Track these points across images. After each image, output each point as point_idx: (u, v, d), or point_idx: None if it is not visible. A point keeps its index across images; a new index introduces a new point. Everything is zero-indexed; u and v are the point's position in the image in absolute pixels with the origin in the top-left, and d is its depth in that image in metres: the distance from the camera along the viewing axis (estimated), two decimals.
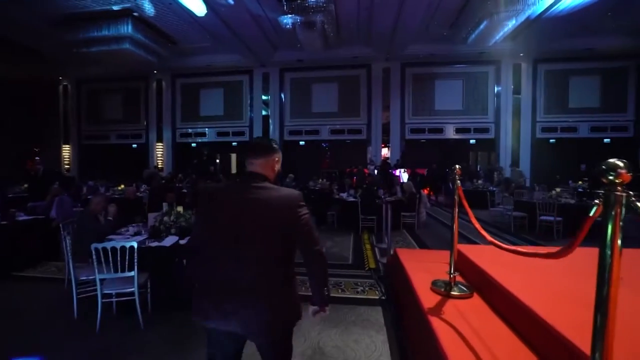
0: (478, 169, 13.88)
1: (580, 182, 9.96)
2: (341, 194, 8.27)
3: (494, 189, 10.00)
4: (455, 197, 2.61)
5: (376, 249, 5.76)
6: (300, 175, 13.39)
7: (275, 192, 1.60)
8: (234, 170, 17.14)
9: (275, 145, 1.78)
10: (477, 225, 2.42)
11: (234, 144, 16.59)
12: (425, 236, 6.64)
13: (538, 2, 10.00)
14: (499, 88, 14.35)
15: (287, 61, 15.01)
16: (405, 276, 3.09)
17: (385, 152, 15.33)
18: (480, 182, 11.14)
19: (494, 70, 14.42)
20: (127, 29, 10.78)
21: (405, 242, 6.26)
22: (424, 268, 3.20)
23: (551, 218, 6.26)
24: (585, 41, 12.83)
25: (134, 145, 16.83)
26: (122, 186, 8.99)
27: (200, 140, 16.50)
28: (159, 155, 16.40)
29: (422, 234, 6.79)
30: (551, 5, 10.47)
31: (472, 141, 14.80)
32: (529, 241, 6.28)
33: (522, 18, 10.67)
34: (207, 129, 16.27)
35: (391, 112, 15.00)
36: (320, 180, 10.82)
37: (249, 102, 16.04)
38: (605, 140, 14.40)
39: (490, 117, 14.50)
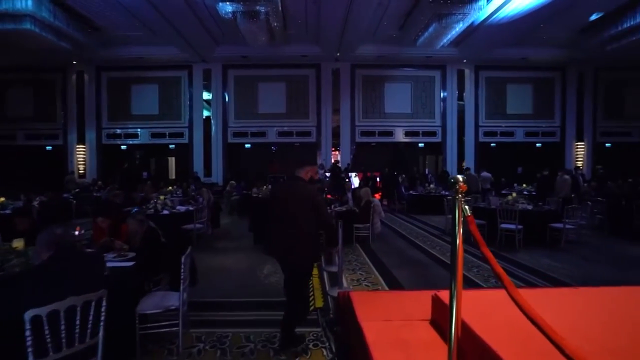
0: (427, 172, 13.47)
1: (524, 185, 9.78)
2: None
3: (447, 193, 9.42)
4: (459, 231, 1.47)
5: (325, 274, 4.61)
6: (247, 180, 11.89)
7: (303, 187, 2.78)
8: (172, 175, 15.05)
9: (309, 162, 3.39)
10: (507, 283, 1.30)
11: (171, 146, 14.58)
12: (382, 252, 5.63)
13: (483, 7, 9.75)
14: (445, 93, 14.14)
15: (231, 57, 13.45)
16: (365, 348, 1.93)
17: (336, 155, 14.40)
18: (431, 186, 10.57)
19: (440, 74, 14.17)
20: (25, 3, 8.56)
21: (359, 262, 5.18)
22: (393, 333, 2.07)
23: (512, 226, 5.61)
24: (520, 51, 13.01)
25: (48, 147, 14.05)
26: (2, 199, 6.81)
27: (131, 142, 14.24)
28: (80, 159, 13.82)
29: (378, 249, 5.77)
30: (493, 13, 10.32)
31: (420, 144, 14.43)
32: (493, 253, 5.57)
33: (467, 23, 10.35)
34: (139, 130, 14.08)
35: (341, 114, 14.11)
36: (265, 186, 9.47)
37: (188, 100, 14.16)
38: (537, 144, 14.84)
39: (437, 120, 14.22)
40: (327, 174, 11.47)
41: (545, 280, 4.36)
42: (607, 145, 14.75)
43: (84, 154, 13.85)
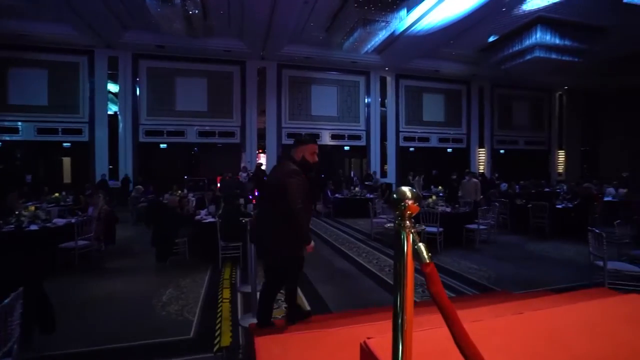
0: (352, 175, 13.48)
1: (440, 188, 10.28)
2: (201, 212, 6.07)
3: (371, 195, 9.36)
4: (408, 283, 0.91)
5: (239, 296, 3.86)
6: (163, 185, 10.27)
7: (283, 167, 2.52)
8: (67, 179, 12.52)
9: (304, 139, 2.61)
10: None
11: (66, 144, 12.13)
12: (306, 263, 5.03)
13: (403, 18, 10.00)
14: (369, 98, 14.37)
15: (143, 45, 11.71)
16: None
17: (263, 158, 13.57)
18: (357, 189, 10.46)
19: (364, 80, 14.36)
20: None
21: None
22: None
23: (434, 229, 5.56)
24: (434, 63, 13.87)
25: None
26: None
27: (9, 139, 11.45)
28: None
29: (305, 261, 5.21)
30: (411, 25, 10.71)
31: (346, 147, 14.42)
32: None
33: (389, 31, 10.54)
34: (20, 124, 11.40)
35: (267, 114, 13.35)
36: (179, 192, 8.24)
37: (88, 91, 11.94)
38: (449, 150, 16.04)
39: (362, 125, 14.38)
40: (248, 177, 10.56)
41: (465, 284, 4.26)
42: (501, 151, 16.65)
43: None
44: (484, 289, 4.12)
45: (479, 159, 15.89)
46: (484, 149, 16.03)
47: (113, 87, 12.44)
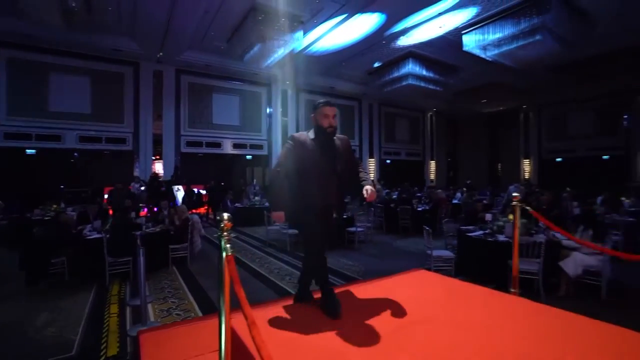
0: (254, 184, 13.87)
1: None
2: (86, 227, 5.70)
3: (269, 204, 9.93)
4: (226, 271, 1.49)
5: (128, 309, 3.96)
6: (33, 198, 8.90)
7: None
8: None
9: (315, 104, 2.61)
10: None
11: None
12: (201, 273, 5.33)
13: (299, 39, 10.96)
14: (271, 109, 15.02)
15: (5, 31, 9.98)
16: None
17: (159, 166, 12.87)
18: (257, 198, 10.92)
19: (266, 92, 14.96)
20: None
21: (173, 287, 4.72)
22: None
23: None
24: (330, 81, 15.37)
25: None
26: None
27: None
28: None
29: (197, 270, 5.44)
30: (308, 46, 11.82)
31: (248, 157, 14.74)
32: (300, 257, 6.19)
33: (288, 50, 11.38)
34: None
35: (165, 121, 12.76)
36: (57, 206, 7.42)
37: None
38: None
39: (263, 134, 14.91)
40: (142, 188, 10.02)
41: (341, 279, 5.17)
42: (387, 161, 19.27)
43: None
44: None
45: (369, 168, 18.10)
46: (373, 159, 18.32)
47: None
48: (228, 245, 1.36)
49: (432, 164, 20.83)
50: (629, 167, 15.29)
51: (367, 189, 2.41)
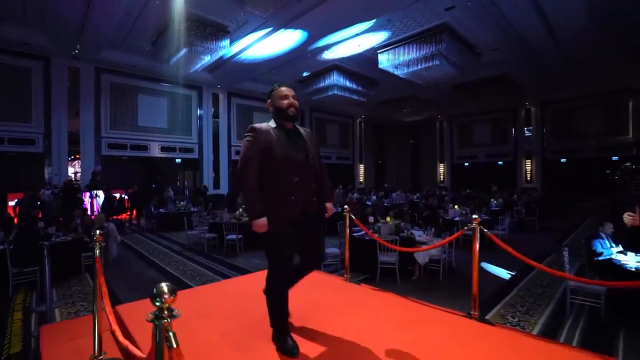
0: (185, 188, 13.88)
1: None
2: None
3: (195, 209, 10.20)
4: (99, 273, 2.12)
5: (34, 315, 4.19)
6: None
7: None
8: None
9: (269, 90, 2.34)
10: None
11: None
12: (115, 278, 5.60)
13: (226, 47, 11.33)
14: (202, 112, 15.07)
15: None
16: None
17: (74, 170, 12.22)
18: (183, 203, 11.06)
19: (196, 95, 14.98)
20: None
21: (83, 292, 4.97)
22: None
23: (234, 236, 7.06)
24: (263, 87, 15.84)
25: None
26: None
27: None
28: None
29: (112, 276, 5.68)
30: (236, 54, 12.25)
31: (178, 160, 14.64)
32: (218, 260, 6.74)
33: (215, 57, 11.69)
34: None
35: (82, 121, 12.16)
36: None
37: None
38: None
39: (194, 138, 14.93)
40: (52, 195, 9.52)
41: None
42: None
43: None
44: None
45: None
46: None
47: None
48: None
49: (362, 167, 22.52)
50: (516, 171, 18.44)
51: (328, 206, 2.18)
